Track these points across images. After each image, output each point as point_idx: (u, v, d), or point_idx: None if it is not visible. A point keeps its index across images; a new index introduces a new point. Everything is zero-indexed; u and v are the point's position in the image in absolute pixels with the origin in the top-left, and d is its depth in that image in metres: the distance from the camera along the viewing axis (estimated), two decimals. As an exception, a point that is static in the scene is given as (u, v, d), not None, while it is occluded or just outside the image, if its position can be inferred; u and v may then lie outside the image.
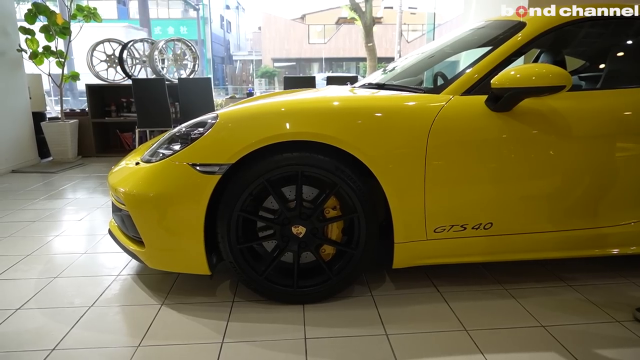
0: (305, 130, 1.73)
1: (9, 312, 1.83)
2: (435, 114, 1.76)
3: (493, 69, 1.83)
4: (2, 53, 4.85)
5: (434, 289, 2.01)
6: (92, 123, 5.75)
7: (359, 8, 15.54)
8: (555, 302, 1.87)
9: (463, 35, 2.43)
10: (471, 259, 1.95)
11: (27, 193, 3.87)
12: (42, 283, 2.10)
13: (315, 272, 1.90)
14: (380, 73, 2.80)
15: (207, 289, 2.02)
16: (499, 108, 1.77)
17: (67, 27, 5.32)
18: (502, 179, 1.82)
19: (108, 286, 2.07)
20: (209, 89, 5.54)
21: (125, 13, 28.53)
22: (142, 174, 1.83)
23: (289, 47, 30.73)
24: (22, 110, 5.19)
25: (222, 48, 35.23)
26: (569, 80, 1.64)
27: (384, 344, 1.59)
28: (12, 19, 5.07)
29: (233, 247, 1.80)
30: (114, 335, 1.68)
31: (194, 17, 26.78)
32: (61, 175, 4.64)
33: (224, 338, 1.64)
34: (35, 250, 2.52)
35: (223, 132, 1.76)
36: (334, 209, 1.86)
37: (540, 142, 1.82)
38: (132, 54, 6.19)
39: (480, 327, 1.70)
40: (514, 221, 1.88)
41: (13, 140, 4.96)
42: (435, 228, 1.83)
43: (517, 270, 2.17)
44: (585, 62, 2.61)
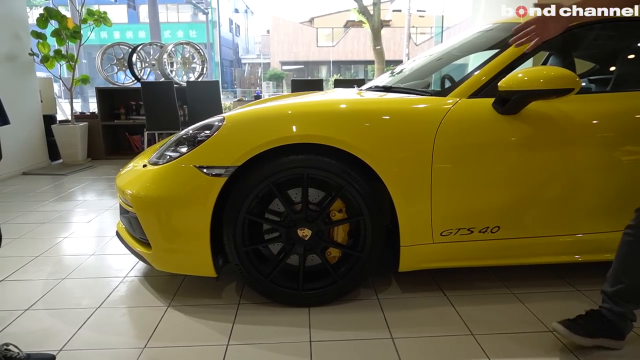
0: (311, 133, 1.73)
1: (17, 313, 1.85)
2: (442, 117, 1.75)
3: (500, 71, 1.82)
4: (15, 57, 4.93)
5: (441, 292, 1.99)
6: (101, 126, 5.82)
7: (367, 11, 15.55)
8: (564, 307, 1.85)
9: (471, 38, 2.42)
10: (478, 262, 1.93)
11: (37, 195, 3.91)
12: (51, 284, 2.12)
13: (321, 274, 1.90)
14: (387, 76, 2.79)
15: (213, 291, 2.02)
16: (507, 111, 1.75)
17: (77, 31, 5.39)
18: (509, 182, 1.81)
19: (115, 288, 2.08)
20: (217, 92, 5.57)
21: (136, 17, 28.83)
22: (149, 176, 1.84)
23: (297, 50, 30.83)
24: (33, 113, 5.25)
25: (231, 51, 35.43)
26: (577, 83, 1.63)
27: (390, 348, 1.59)
28: (25, 23, 5.14)
29: (239, 249, 1.80)
30: (121, 336, 1.69)
31: (203, 20, 26.97)
32: (71, 178, 4.69)
33: (229, 340, 1.65)
34: (44, 251, 2.55)
35: (229, 135, 1.76)
36: (340, 211, 1.86)
37: (548, 146, 1.80)
38: (141, 57, 6.24)
39: (487, 332, 1.68)
40: (521, 225, 1.86)
41: (24, 142, 5.02)
42: (441, 231, 1.82)
43: (525, 274, 2.14)
44: (595, 64, 2.59)
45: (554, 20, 1.40)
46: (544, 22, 1.41)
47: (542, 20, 1.41)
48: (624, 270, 1.49)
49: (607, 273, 1.54)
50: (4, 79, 4.76)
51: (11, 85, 4.88)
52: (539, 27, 1.42)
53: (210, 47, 24.81)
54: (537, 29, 1.42)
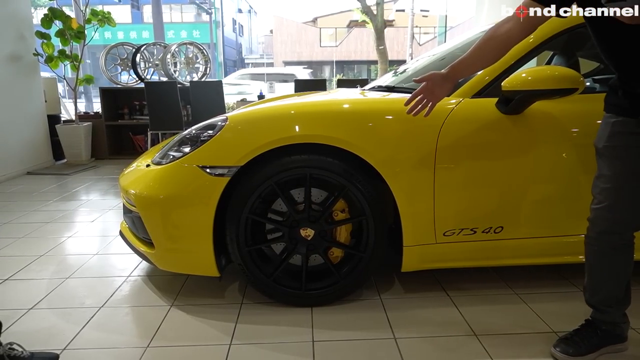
0: (314, 132, 1.73)
1: (21, 312, 1.86)
2: (445, 117, 1.75)
3: (504, 71, 1.81)
4: (19, 57, 4.95)
5: (444, 292, 1.99)
6: (105, 126, 5.84)
7: (371, 11, 15.53)
8: (568, 308, 1.84)
9: (474, 38, 2.41)
10: (481, 263, 1.93)
11: (41, 194, 3.93)
12: (54, 283, 2.13)
13: (323, 274, 1.90)
14: (390, 75, 2.79)
15: (215, 291, 2.02)
16: (510, 111, 1.75)
17: (81, 32, 5.41)
18: (513, 183, 1.80)
19: (118, 287, 2.09)
20: (220, 91, 5.57)
21: (139, 17, 28.90)
22: (152, 176, 1.84)
23: (301, 50, 30.81)
24: (38, 113, 5.28)
25: (234, 51, 35.47)
26: (581, 82, 1.62)
27: (392, 348, 1.58)
28: (29, 24, 5.17)
29: (242, 249, 1.80)
30: (124, 335, 1.69)
31: (206, 21, 27.01)
32: (75, 177, 4.71)
33: (232, 340, 1.65)
34: (48, 251, 2.56)
35: (232, 135, 1.76)
36: (343, 211, 1.86)
37: (552, 145, 1.79)
38: (145, 58, 6.26)
39: (490, 332, 1.67)
40: (525, 225, 1.85)
41: (28, 142, 5.05)
42: (444, 231, 1.81)
43: (528, 274, 2.14)
44: (599, 64, 2.57)
45: (438, 86, 1.53)
46: (431, 90, 1.54)
47: (428, 89, 1.54)
48: (597, 280, 1.49)
49: (584, 283, 1.53)
50: (9, 79, 4.79)
51: (16, 85, 4.90)
52: (427, 95, 1.55)
53: (213, 47, 24.85)
54: (427, 96, 1.55)
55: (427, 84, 1.54)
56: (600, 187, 1.41)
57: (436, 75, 1.53)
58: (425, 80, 1.54)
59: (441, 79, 1.54)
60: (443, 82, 1.54)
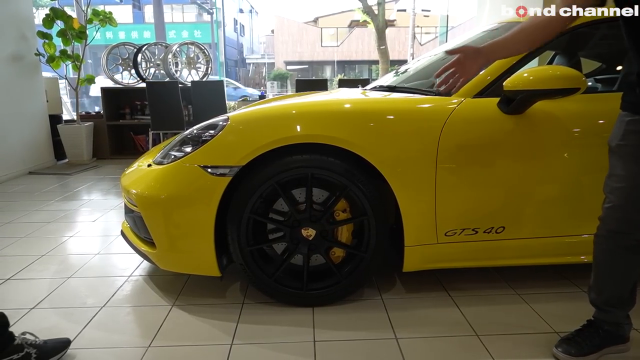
0: (315, 132, 1.73)
1: (23, 312, 1.86)
2: (446, 117, 1.75)
3: (506, 71, 1.81)
4: (21, 57, 4.96)
5: (445, 292, 1.99)
6: (106, 125, 5.84)
7: (372, 11, 15.53)
8: (569, 309, 1.84)
9: (476, 37, 2.41)
10: (483, 263, 1.93)
11: (42, 194, 3.94)
12: (56, 283, 2.13)
13: (325, 274, 1.90)
14: (392, 75, 2.79)
15: (217, 291, 2.02)
16: (512, 111, 1.74)
17: (83, 32, 5.42)
18: (514, 183, 1.80)
19: (120, 287, 2.09)
20: (221, 91, 5.57)
21: (141, 17, 28.93)
22: (153, 175, 1.85)
23: (302, 50, 30.82)
24: (39, 113, 5.28)
25: (236, 51, 35.47)
26: (583, 82, 1.61)
27: (394, 348, 1.58)
28: (31, 24, 5.17)
29: (243, 249, 1.80)
30: (125, 335, 1.69)
31: (207, 21, 27.00)
32: (76, 177, 4.71)
33: (233, 340, 1.65)
34: (49, 250, 2.56)
35: (234, 135, 1.76)
36: (344, 211, 1.86)
37: (554, 146, 1.79)
38: (146, 57, 6.26)
39: (492, 333, 1.67)
40: (526, 225, 1.85)
41: (30, 142, 5.05)
42: (446, 231, 1.81)
43: (530, 274, 2.13)
44: (602, 64, 2.57)
45: (471, 59, 1.45)
46: (462, 64, 1.46)
47: (460, 62, 1.46)
48: (604, 279, 1.48)
49: (590, 282, 1.52)
50: (11, 79, 4.79)
51: (17, 85, 4.91)
52: (459, 69, 1.47)
53: (215, 47, 24.85)
54: (458, 70, 1.47)
55: (459, 56, 1.46)
56: (611, 186, 1.40)
57: (469, 49, 1.46)
58: (457, 53, 1.47)
59: (474, 52, 1.46)
60: (476, 57, 1.46)
